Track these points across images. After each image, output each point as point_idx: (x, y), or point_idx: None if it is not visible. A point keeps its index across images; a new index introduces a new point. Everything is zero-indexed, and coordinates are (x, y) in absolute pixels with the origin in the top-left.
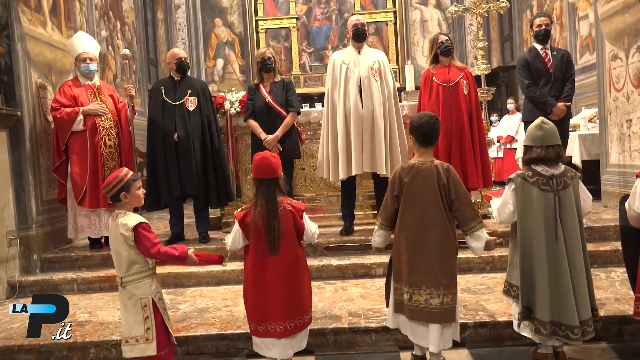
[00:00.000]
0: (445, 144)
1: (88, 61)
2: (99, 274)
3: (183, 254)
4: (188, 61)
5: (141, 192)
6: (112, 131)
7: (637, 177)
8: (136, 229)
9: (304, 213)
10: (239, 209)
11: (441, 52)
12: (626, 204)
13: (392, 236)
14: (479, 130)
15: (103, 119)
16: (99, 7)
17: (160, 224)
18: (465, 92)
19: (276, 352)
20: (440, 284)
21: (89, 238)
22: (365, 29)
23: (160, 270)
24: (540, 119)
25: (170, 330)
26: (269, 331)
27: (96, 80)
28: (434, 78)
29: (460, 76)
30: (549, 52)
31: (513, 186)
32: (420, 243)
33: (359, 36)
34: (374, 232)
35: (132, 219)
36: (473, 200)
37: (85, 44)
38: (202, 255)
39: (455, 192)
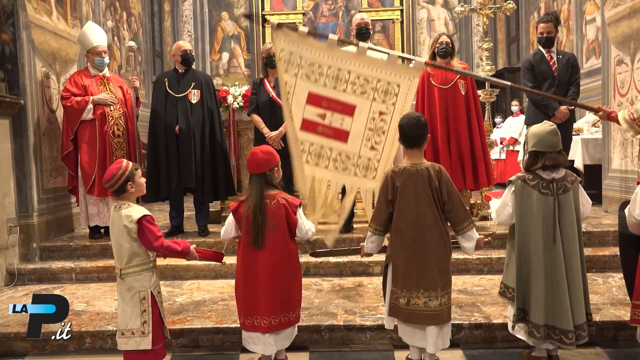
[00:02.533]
0: (444, 145)
1: (103, 55)
2: (97, 264)
3: (185, 249)
4: (193, 54)
5: (143, 180)
6: (120, 121)
7: (638, 184)
8: (140, 221)
9: (300, 209)
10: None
11: (438, 53)
12: (626, 210)
13: (387, 240)
14: (480, 130)
15: (112, 108)
16: None
17: (160, 215)
18: (463, 93)
19: (260, 348)
20: (437, 285)
21: (90, 227)
22: (370, 28)
23: (158, 262)
24: (551, 124)
25: (165, 324)
26: (255, 325)
27: (106, 71)
28: (431, 79)
29: (457, 77)
30: (554, 55)
31: (513, 188)
32: (416, 246)
33: (362, 35)
34: (367, 238)
35: (137, 210)
36: (473, 201)
37: (99, 37)
38: (203, 252)
39: (448, 193)
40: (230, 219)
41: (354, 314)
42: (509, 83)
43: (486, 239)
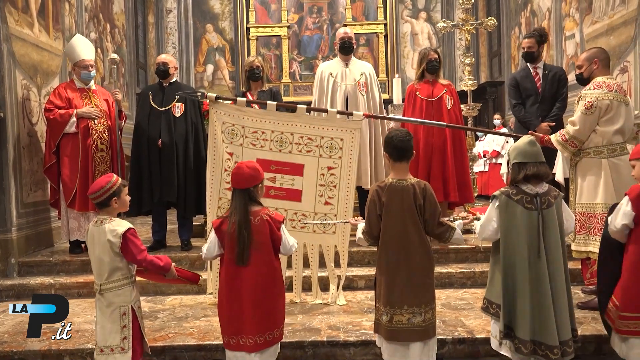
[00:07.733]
0: (427, 158)
1: (90, 68)
2: (77, 280)
3: (167, 265)
4: (170, 66)
5: (128, 198)
6: (104, 135)
7: (626, 195)
8: (125, 235)
9: (283, 225)
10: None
11: (427, 69)
12: (609, 217)
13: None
14: (461, 146)
15: (96, 122)
16: (89, 9)
17: (143, 229)
18: (449, 107)
19: None
20: (421, 301)
21: (70, 241)
22: (353, 42)
23: (140, 277)
24: (529, 137)
25: (145, 339)
26: (240, 345)
27: (92, 84)
28: (417, 93)
29: (444, 91)
30: (540, 71)
31: (497, 204)
32: (400, 263)
33: (345, 49)
34: (361, 241)
35: (121, 224)
36: (466, 214)
37: (86, 50)
38: (181, 272)
39: (431, 211)
40: (212, 236)
41: (338, 329)
42: (444, 124)
43: (468, 221)
